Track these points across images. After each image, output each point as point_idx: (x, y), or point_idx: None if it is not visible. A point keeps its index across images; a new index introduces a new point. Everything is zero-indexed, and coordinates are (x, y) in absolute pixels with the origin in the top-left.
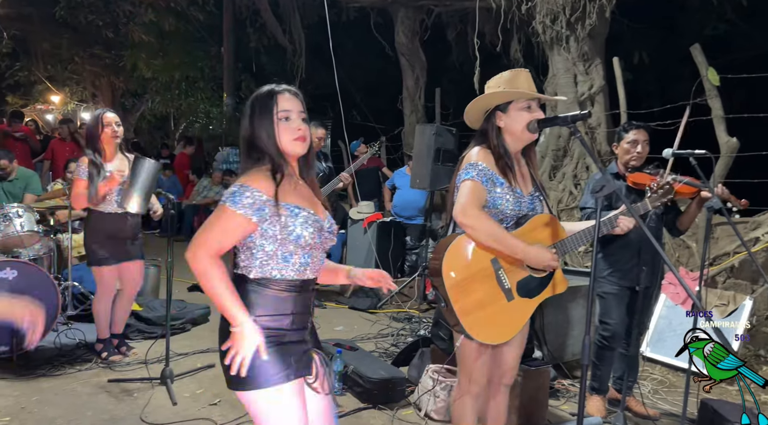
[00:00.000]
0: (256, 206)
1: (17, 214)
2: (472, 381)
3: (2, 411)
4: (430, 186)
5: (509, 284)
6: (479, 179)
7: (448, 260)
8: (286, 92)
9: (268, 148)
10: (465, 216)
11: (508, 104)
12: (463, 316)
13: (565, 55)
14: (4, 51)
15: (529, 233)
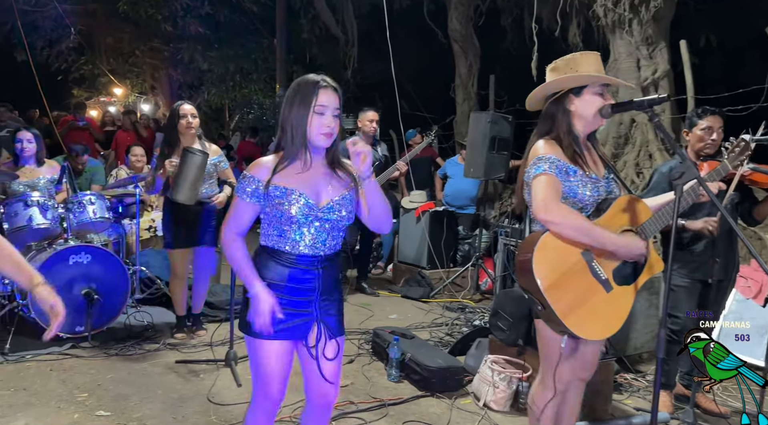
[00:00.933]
0: (250, 190)
1: (90, 201)
2: (560, 380)
3: (81, 387)
4: (484, 175)
5: (605, 274)
6: (552, 171)
7: (539, 261)
8: (329, 88)
9: (295, 134)
10: (547, 212)
11: (582, 88)
12: (566, 316)
13: (627, 38)
14: (70, 46)
15: (612, 219)
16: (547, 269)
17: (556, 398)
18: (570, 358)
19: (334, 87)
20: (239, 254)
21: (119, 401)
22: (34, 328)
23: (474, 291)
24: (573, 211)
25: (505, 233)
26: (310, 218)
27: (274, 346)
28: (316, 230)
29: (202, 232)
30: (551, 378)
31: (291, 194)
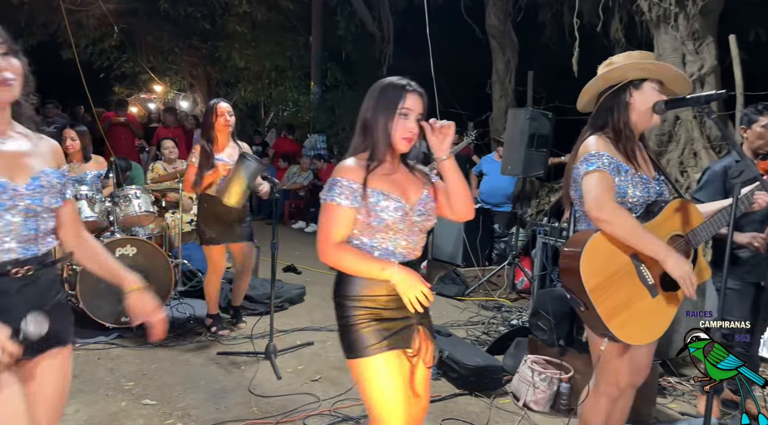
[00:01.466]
0: (349, 193)
1: (135, 195)
2: (612, 383)
3: (127, 376)
4: (522, 172)
5: (652, 279)
6: (606, 168)
7: (587, 260)
8: (416, 93)
9: (378, 135)
10: (600, 210)
11: (643, 80)
12: (609, 319)
13: (673, 33)
14: (113, 44)
15: (664, 223)
16: (594, 269)
17: (607, 402)
18: (625, 362)
19: (420, 92)
20: (350, 254)
21: (164, 390)
22: (83, 317)
23: (510, 290)
24: (627, 212)
25: (545, 232)
26: (406, 223)
27: (388, 358)
28: (407, 234)
29: (240, 227)
30: (606, 381)
31: (387, 198)
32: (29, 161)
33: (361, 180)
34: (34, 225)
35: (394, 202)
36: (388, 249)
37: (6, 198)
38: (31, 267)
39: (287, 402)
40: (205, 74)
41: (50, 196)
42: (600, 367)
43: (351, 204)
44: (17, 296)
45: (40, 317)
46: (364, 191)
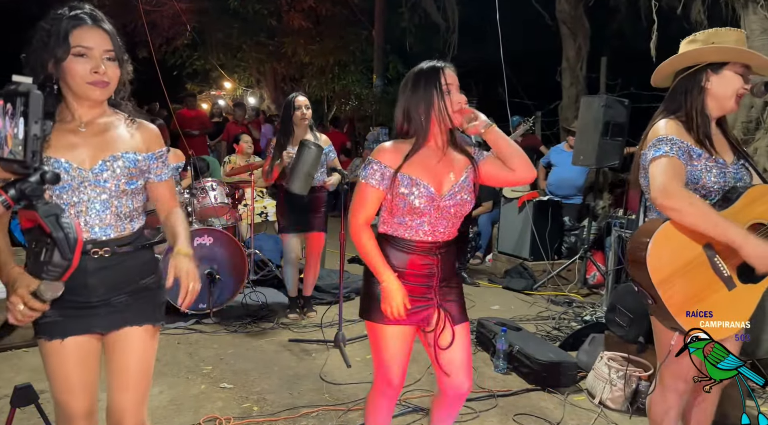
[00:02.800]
0: (380, 176)
1: (211, 187)
2: (679, 378)
3: (205, 360)
4: (596, 163)
5: (728, 271)
6: (674, 153)
7: (655, 251)
8: (448, 68)
9: (423, 118)
10: (668, 197)
11: (723, 64)
12: (679, 313)
13: (762, 13)
14: (185, 42)
15: (743, 210)
16: (662, 261)
17: (682, 400)
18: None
19: (451, 66)
20: (371, 243)
21: (240, 375)
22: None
23: (581, 285)
24: (698, 198)
25: (620, 224)
26: (433, 209)
27: (395, 331)
28: (435, 218)
29: (313, 218)
30: (669, 377)
31: (416, 184)
32: (108, 145)
33: (394, 165)
34: (106, 206)
35: (421, 189)
36: (414, 228)
37: (68, 179)
38: (109, 249)
39: (357, 390)
40: (271, 70)
41: (120, 179)
42: (666, 360)
43: (379, 186)
44: (94, 276)
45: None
46: (395, 175)
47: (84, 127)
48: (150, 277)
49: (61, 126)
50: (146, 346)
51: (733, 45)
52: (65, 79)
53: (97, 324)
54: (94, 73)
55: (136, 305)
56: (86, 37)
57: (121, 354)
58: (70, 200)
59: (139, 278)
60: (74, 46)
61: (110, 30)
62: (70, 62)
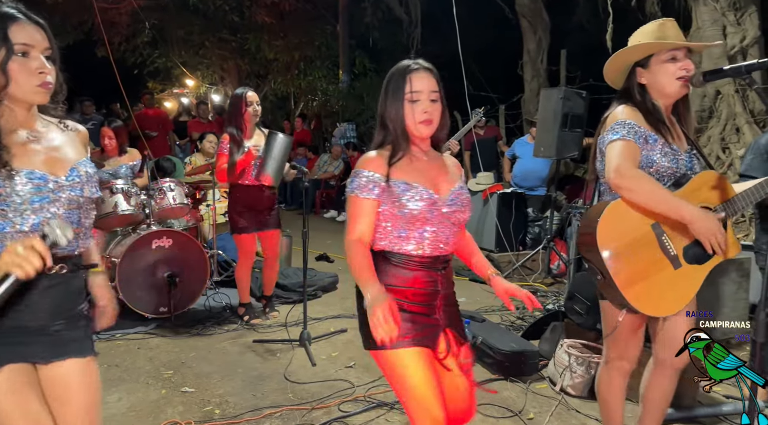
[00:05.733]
0: (371, 185)
1: (170, 188)
2: (623, 358)
3: (166, 364)
4: (556, 154)
5: (675, 250)
6: (630, 137)
7: (603, 228)
8: (421, 70)
9: (395, 127)
10: (621, 177)
11: (649, 58)
12: (626, 288)
13: (712, 4)
14: (145, 40)
15: (692, 194)
16: (611, 237)
17: (626, 379)
18: (636, 336)
19: (427, 68)
20: (360, 256)
21: (202, 378)
22: (123, 308)
23: (545, 275)
24: (649, 177)
25: (580, 214)
26: (435, 213)
27: (419, 353)
28: (438, 227)
29: (268, 216)
30: (616, 354)
31: (412, 188)
32: (64, 153)
33: (383, 171)
34: (76, 217)
35: (419, 192)
36: (417, 239)
37: (47, 191)
38: (65, 265)
39: (322, 389)
40: (235, 67)
41: (89, 186)
42: (611, 340)
43: (371, 196)
44: (43, 295)
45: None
46: (387, 182)
47: (31, 135)
48: (84, 304)
49: (10, 136)
50: (91, 377)
51: (666, 37)
52: (7, 82)
53: (36, 353)
54: (39, 73)
55: (75, 334)
56: (25, 34)
57: (65, 384)
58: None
59: (78, 304)
60: (16, 44)
61: (46, 26)
62: (14, 63)
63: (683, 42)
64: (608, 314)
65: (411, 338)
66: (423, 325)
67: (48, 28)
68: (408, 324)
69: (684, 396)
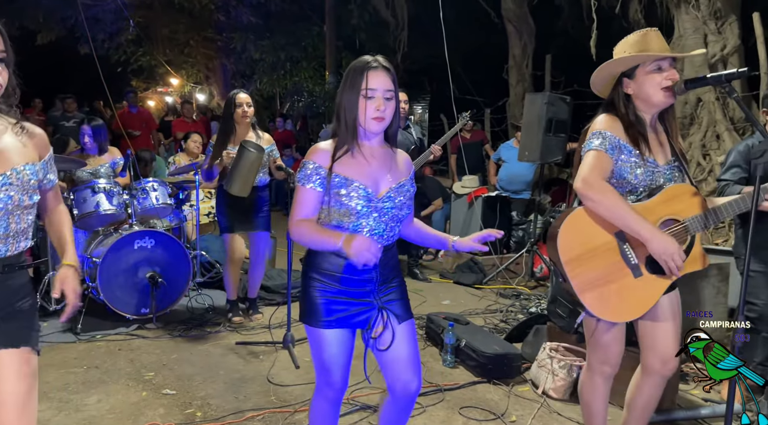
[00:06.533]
0: (312, 176)
1: (153, 188)
2: (605, 362)
3: (147, 366)
4: (540, 159)
5: (636, 259)
6: (603, 147)
7: (565, 233)
8: (379, 69)
9: (347, 120)
10: (586, 187)
11: (635, 69)
12: (582, 292)
13: (693, 13)
14: (129, 38)
15: (661, 205)
16: (572, 242)
17: (609, 383)
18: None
19: (385, 67)
20: (306, 227)
21: (184, 380)
22: (104, 309)
23: (529, 278)
24: (613, 190)
25: None
26: (369, 210)
27: (334, 334)
28: (375, 221)
29: (256, 217)
30: (596, 358)
31: (351, 184)
32: (7, 156)
33: (326, 164)
34: (4, 223)
35: (357, 188)
36: (351, 232)
37: None
38: None
39: (305, 391)
40: (220, 66)
41: (21, 193)
42: (593, 345)
43: (314, 186)
44: None
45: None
46: (329, 175)
47: None
48: (25, 300)
49: None
50: (24, 369)
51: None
52: None
53: None
54: None
55: (10, 326)
56: None
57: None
58: None
59: (15, 300)
60: None
61: (1, 28)
62: None
63: (668, 53)
64: (587, 319)
65: (332, 321)
66: (352, 307)
67: (3, 31)
68: (335, 307)
69: (663, 399)
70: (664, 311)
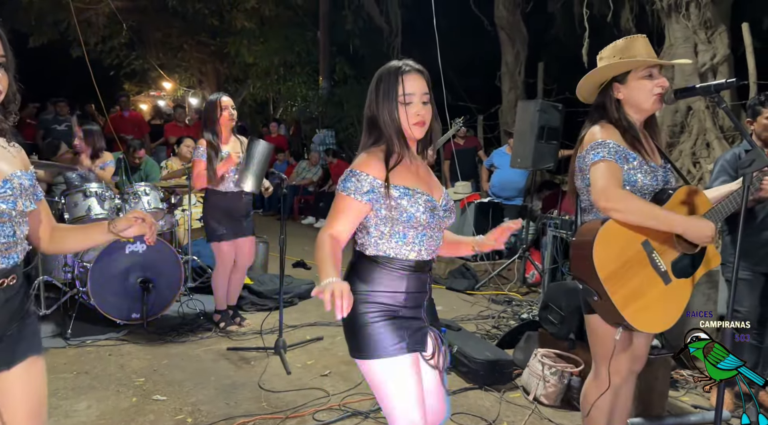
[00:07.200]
0: (365, 189)
1: (145, 192)
2: (616, 373)
3: (138, 372)
4: (532, 165)
5: (664, 266)
6: (612, 157)
7: (600, 249)
8: (413, 72)
9: (388, 129)
10: (608, 200)
11: (627, 74)
12: (624, 308)
13: (684, 22)
14: (122, 41)
15: (675, 209)
16: (607, 258)
17: (610, 392)
18: (626, 351)
19: (418, 69)
20: (330, 248)
21: (174, 386)
22: (94, 314)
23: (520, 284)
24: (635, 196)
25: (554, 225)
26: (435, 218)
27: (408, 360)
28: (434, 231)
29: (244, 222)
30: (605, 371)
31: (414, 194)
32: (7, 163)
33: (382, 176)
34: (10, 230)
35: (421, 197)
36: (416, 244)
37: None
38: (15, 276)
39: (297, 397)
40: (214, 71)
41: (23, 199)
42: (602, 356)
43: (363, 199)
44: (2, 310)
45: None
46: (387, 187)
47: None
48: (29, 302)
49: None
50: (40, 376)
51: (634, 53)
52: None
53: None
54: None
55: (26, 333)
56: None
57: (14, 389)
58: None
59: (25, 303)
60: None
61: (1, 32)
62: None
63: (664, 61)
64: (601, 333)
65: (404, 345)
66: (414, 330)
67: (3, 35)
68: (401, 330)
69: (653, 406)
70: None
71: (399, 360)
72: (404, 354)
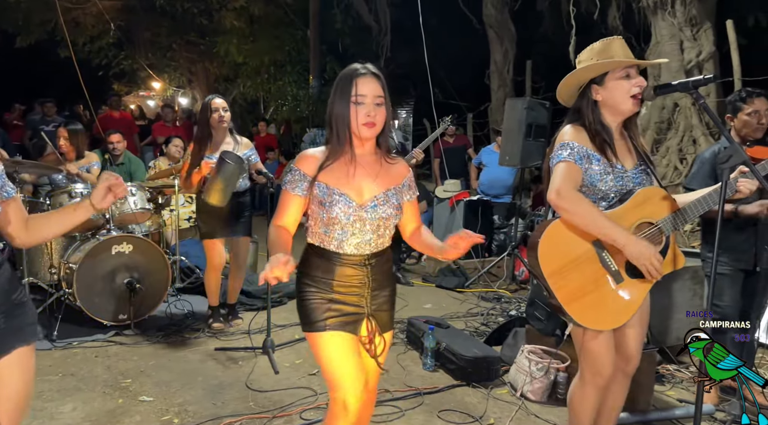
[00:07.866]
0: (296, 183)
1: (131, 192)
2: (596, 373)
3: (124, 373)
4: (520, 163)
5: (615, 265)
6: (572, 158)
7: (545, 246)
8: (368, 75)
9: (338, 127)
10: (560, 199)
11: (604, 76)
12: (568, 304)
13: (670, 20)
14: (110, 41)
15: (634, 209)
16: (552, 255)
17: (594, 392)
18: (608, 353)
19: (374, 73)
20: (279, 235)
21: (161, 387)
22: (81, 316)
23: (510, 281)
24: (586, 200)
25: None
26: (352, 219)
27: (338, 338)
28: (359, 231)
29: (237, 222)
30: (589, 369)
31: (333, 194)
32: None
33: (311, 172)
34: None
35: (339, 198)
36: (339, 240)
37: None
38: None
39: (284, 397)
40: (203, 70)
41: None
42: (584, 357)
43: (298, 192)
44: None
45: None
46: (312, 183)
47: None
48: (18, 292)
49: None
50: (30, 365)
51: (610, 55)
52: None
53: None
54: None
55: (15, 323)
56: None
57: (9, 378)
58: None
59: (11, 293)
60: None
61: None
62: None
63: (640, 61)
64: (575, 330)
65: (331, 324)
66: (344, 313)
67: None
68: (331, 311)
69: (638, 401)
70: (633, 317)
71: (325, 336)
72: (327, 331)
